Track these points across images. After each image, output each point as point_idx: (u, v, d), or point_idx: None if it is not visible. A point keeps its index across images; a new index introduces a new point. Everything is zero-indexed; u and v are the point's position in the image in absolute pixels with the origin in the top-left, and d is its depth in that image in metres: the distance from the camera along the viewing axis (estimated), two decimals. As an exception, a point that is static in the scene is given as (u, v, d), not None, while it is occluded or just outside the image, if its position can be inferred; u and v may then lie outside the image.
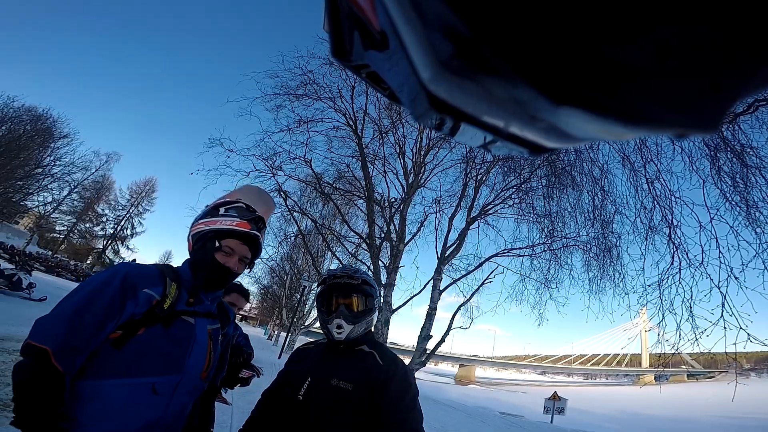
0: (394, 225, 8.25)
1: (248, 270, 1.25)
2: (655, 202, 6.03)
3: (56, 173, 30.28)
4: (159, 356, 0.99)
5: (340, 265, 1.53)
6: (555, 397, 13.30)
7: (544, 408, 13.37)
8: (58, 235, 38.19)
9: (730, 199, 5.33)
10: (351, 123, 8.39)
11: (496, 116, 0.12)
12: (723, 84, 0.10)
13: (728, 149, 5.34)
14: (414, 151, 8.99)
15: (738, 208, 5.29)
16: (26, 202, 30.07)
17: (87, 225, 39.56)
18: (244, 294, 3.31)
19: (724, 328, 4.93)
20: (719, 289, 5.15)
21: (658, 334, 5.84)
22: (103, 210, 40.35)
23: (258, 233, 1.20)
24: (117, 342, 0.94)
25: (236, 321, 3.23)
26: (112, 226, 40.90)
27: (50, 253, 32.47)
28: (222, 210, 1.19)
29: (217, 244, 1.12)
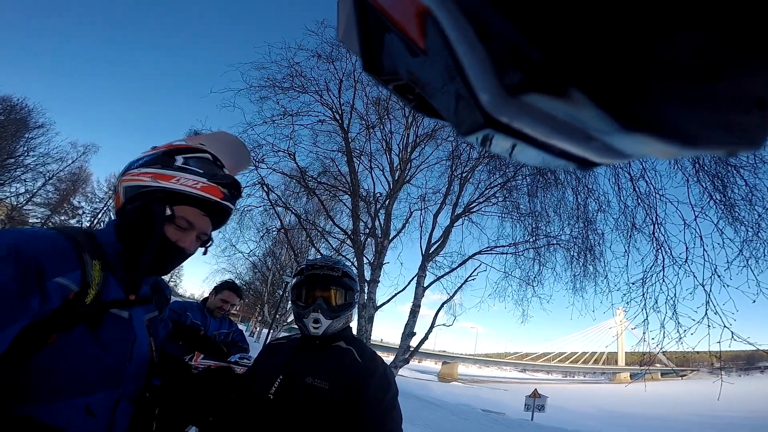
0: (379, 221, 8.18)
1: (203, 252, 0.91)
2: (639, 200, 6.11)
3: (30, 164, 29.17)
4: (88, 368, 0.69)
5: (320, 256, 1.38)
6: (535, 394, 13.50)
7: (525, 405, 13.56)
8: (32, 228, 36.80)
9: (713, 196, 5.42)
10: (337, 117, 8.27)
11: (554, 137, 0.11)
12: (767, 100, 0.10)
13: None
14: (400, 146, 8.94)
15: (720, 206, 5.39)
16: (-3, 193, 28.87)
17: (62, 218, 38.18)
18: (237, 291, 3.10)
19: (708, 326, 4.98)
20: (703, 287, 5.21)
21: (643, 333, 5.90)
22: (79, 202, 39.01)
23: (231, 205, 0.88)
24: (16, 359, 0.62)
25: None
26: (88, 219, 39.58)
27: (22, 246, 31.24)
28: (180, 159, 0.83)
29: (168, 211, 0.77)
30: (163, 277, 0.94)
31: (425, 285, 7.83)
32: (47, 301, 0.64)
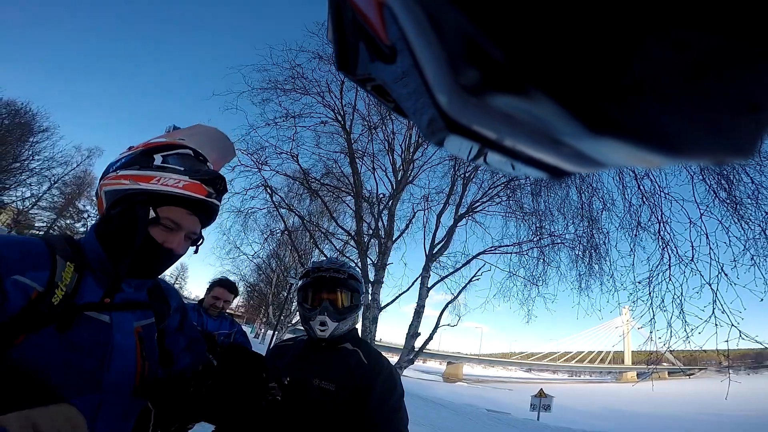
0: (383, 222, 8.18)
1: (194, 251, 0.87)
2: (644, 199, 6.06)
3: (35, 168, 29.43)
4: (57, 370, 0.66)
5: (325, 258, 1.37)
6: (541, 394, 13.44)
7: (531, 405, 13.50)
8: (38, 232, 37.05)
9: (718, 194, 5.37)
10: (339, 118, 8.28)
11: (520, 142, 0.11)
12: (761, 103, 0.09)
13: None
14: (403, 147, 8.93)
15: (726, 205, 5.33)
16: (3, 198, 29.11)
17: (68, 221, 38.47)
18: (230, 288, 3.06)
19: (716, 325, 4.92)
20: (710, 285, 5.14)
21: (650, 332, 5.85)
22: (84, 206, 39.26)
23: (218, 202, 0.83)
24: None
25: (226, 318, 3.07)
26: (93, 222, 39.91)
27: (29, 250, 31.48)
28: (158, 158, 0.80)
29: (152, 213, 0.75)
30: (168, 280, 0.90)
31: (429, 285, 7.82)
32: (7, 300, 0.64)
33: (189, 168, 0.80)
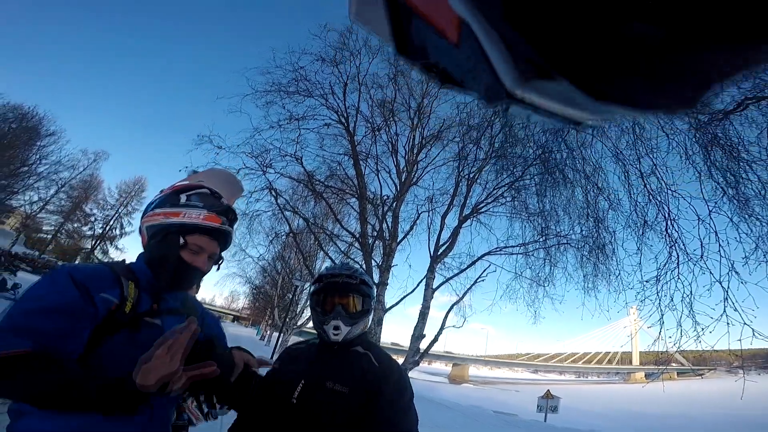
0: (387, 223, 8.18)
1: (216, 268, 1.11)
2: (650, 197, 5.99)
3: (42, 172, 29.79)
4: (129, 365, 0.84)
5: (335, 264, 1.40)
6: (548, 395, 13.31)
7: (538, 406, 13.38)
8: (46, 235, 37.49)
9: (726, 192, 5.28)
10: (343, 120, 8.29)
11: (553, 105, 0.16)
12: (711, 75, 0.13)
13: (720, 145, 5.31)
14: (407, 148, 8.92)
15: (734, 202, 5.24)
16: (11, 202, 29.46)
17: (75, 225, 38.90)
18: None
19: (727, 324, 4.83)
20: (720, 284, 5.05)
21: (659, 331, 5.76)
22: (91, 210, 39.69)
23: (230, 228, 1.06)
24: (80, 357, 0.82)
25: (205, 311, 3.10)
26: (100, 226, 40.20)
27: (37, 253, 31.80)
28: (183, 197, 1.03)
29: (182, 240, 0.97)
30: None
31: (434, 287, 7.78)
32: (98, 310, 0.85)
33: (207, 204, 1.03)
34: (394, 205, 8.25)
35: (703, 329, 5.19)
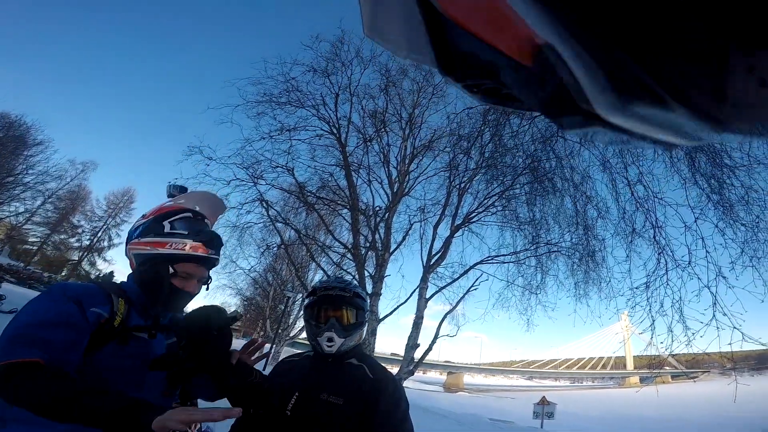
0: (379, 234, 8.17)
1: (206, 289, 1.15)
2: (638, 205, 6.08)
3: (29, 182, 29.12)
4: (118, 374, 0.92)
5: (328, 277, 1.45)
6: (544, 401, 13.28)
7: (534, 413, 13.33)
8: (31, 247, 36.69)
9: (710, 198, 5.38)
10: (335, 131, 8.32)
11: (653, 132, 0.14)
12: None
13: (703, 151, 5.42)
14: (398, 159, 8.97)
15: (719, 208, 5.34)
16: (-4, 213, 28.80)
17: (62, 236, 38.11)
18: None
19: (717, 328, 4.91)
20: (709, 289, 5.16)
21: (651, 337, 5.81)
22: (78, 221, 38.92)
23: (217, 256, 1.10)
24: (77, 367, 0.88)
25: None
26: (88, 237, 39.44)
27: (22, 264, 31.07)
28: (167, 225, 1.06)
29: (171, 269, 1.02)
30: None
31: (427, 296, 7.78)
32: (88, 323, 0.90)
33: (192, 230, 1.07)
34: (387, 215, 8.26)
35: (693, 334, 5.26)
